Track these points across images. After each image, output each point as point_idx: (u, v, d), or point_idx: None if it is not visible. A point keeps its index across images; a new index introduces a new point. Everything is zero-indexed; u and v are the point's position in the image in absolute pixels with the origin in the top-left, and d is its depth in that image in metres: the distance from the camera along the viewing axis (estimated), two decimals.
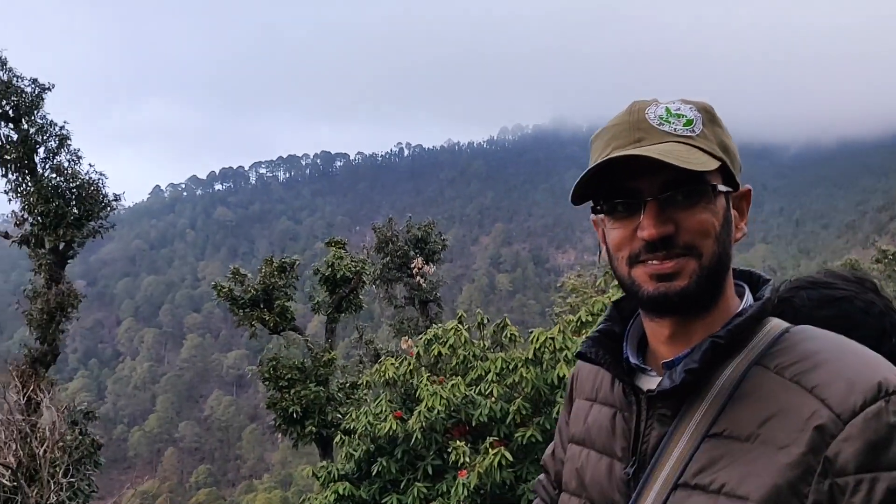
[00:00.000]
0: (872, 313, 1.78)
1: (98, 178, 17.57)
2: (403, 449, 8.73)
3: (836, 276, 1.88)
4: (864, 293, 1.82)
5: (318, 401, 15.41)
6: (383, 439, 8.87)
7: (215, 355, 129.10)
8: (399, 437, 8.73)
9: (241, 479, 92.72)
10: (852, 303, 1.79)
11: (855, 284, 1.84)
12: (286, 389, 15.67)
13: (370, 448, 8.98)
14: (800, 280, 1.91)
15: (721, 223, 1.21)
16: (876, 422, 1.04)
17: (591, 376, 1.48)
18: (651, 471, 1.22)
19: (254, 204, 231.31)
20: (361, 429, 8.89)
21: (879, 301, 1.81)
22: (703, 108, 1.24)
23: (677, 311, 1.22)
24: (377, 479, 8.76)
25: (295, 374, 15.88)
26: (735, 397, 1.17)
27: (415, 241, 22.84)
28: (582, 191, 1.23)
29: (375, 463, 8.72)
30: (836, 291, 1.81)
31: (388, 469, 8.65)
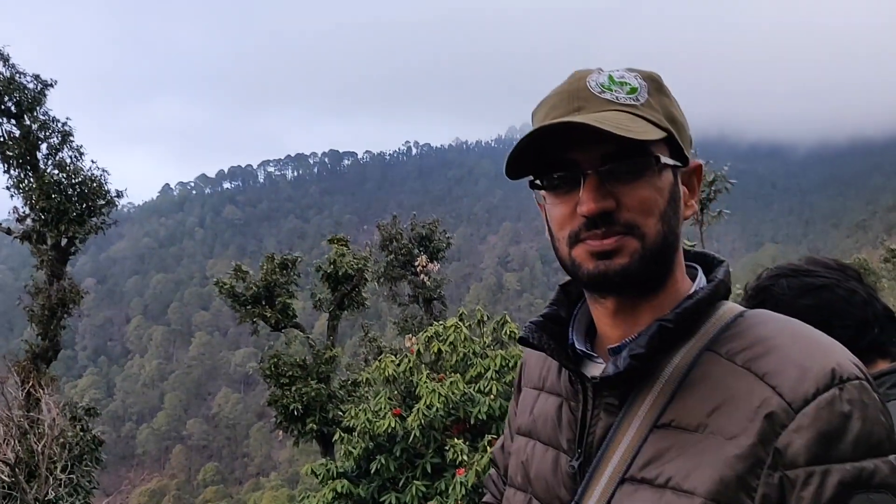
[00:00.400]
0: (854, 302, 1.72)
1: (100, 175, 17.57)
2: (402, 447, 8.70)
3: (818, 264, 1.81)
4: (846, 281, 1.75)
5: (319, 398, 15.35)
6: (382, 437, 8.84)
7: (223, 353, 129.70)
8: (398, 434, 8.70)
9: (248, 477, 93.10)
10: (833, 291, 1.73)
11: (837, 272, 1.77)
12: (287, 387, 15.62)
13: (369, 446, 8.95)
14: (781, 268, 1.85)
15: (667, 200, 1.12)
16: (828, 411, 0.98)
17: (538, 364, 1.39)
18: (597, 464, 1.14)
19: (262, 202, 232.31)
20: (360, 426, 8.86)
21: (862, 289, 1.75)
22: (649, 77, 1.16)
23: (619, 290, 1.14)
24: (376, 477, 8.74)
25: (296, 371, 15.84)
26: (684, 385, 1.10)
27: (419, 239, 22.87)
28: (517, 164, 1.13)
29: (374, 461, 8.70)
30: (816, 279, 1.76)
31: (387, 467, 8.63)
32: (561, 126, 1.07)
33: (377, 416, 8.77)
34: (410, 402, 9.12)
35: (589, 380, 1.18)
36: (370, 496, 8.60)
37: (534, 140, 1.10)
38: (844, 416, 0.98)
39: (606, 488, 1.12)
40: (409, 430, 8.41)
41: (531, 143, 1.10)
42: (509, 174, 1.15)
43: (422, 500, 8.14)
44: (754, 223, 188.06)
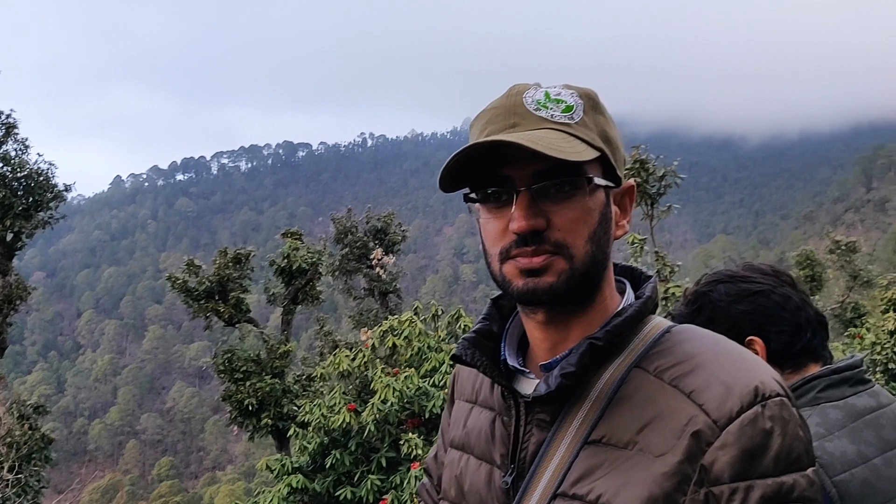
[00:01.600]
0: (788, 308, 1.77)
1: (47, 168, 17.18)
2: (357, 441, 8.70)
3: (755, 270, 1.86)
4: (780, 287, 1.80)
5: (273, 393, 15.26)
6: (337, 432, 8.83)
7: (177, 347, 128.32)
8: (353, 429, 8.70)
9: (204, 471, 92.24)
10: (769, 297, 1.78)
11: (772, 278, 1.82)
12: (241, 382, 15.49)
13: (324, 441, 8.94)
14: (718, 273, 1.90)
15: (597, 220, 1.13)
16: (752, 428, 1.01)
17: (471, 377, 1.40)
18: (530, 480, 1.16)
19: (216, 194, 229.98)
20: (315, 421, 8.84)
21: (796, 295, 1.80)
22: (585, 95, 1.16)
23: (547, 305, 1.15)
24: (331, 471, 8.73)
25: (250, 366, 15.72)
26: (614, 401, 1.12)
27: (374, 231, 22.77)
28: (452, 177, 1.14)
29: (329, 455, 8.69)
30: (753, 285, 1.80)
31: (342, 461, 8.62)
32: (493, 145, 1.07)
33: (332, 411, 8.76)
34: (365, 397, 9.12)
35: (522, 397, 1.19)
36: (325, 491, 8.60)
37: (468, 155, 1.10)
38: (766, 432, 1.01)
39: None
40: (363, 424, 8.42)
41: (466, 157, 1.10)
42: (443, 187, 1.15)
43: (377, 494, 8.16)
44: (706, 214, 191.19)
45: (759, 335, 1.75)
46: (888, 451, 1.65)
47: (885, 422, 1.70)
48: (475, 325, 1.31)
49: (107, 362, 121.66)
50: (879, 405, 1.73)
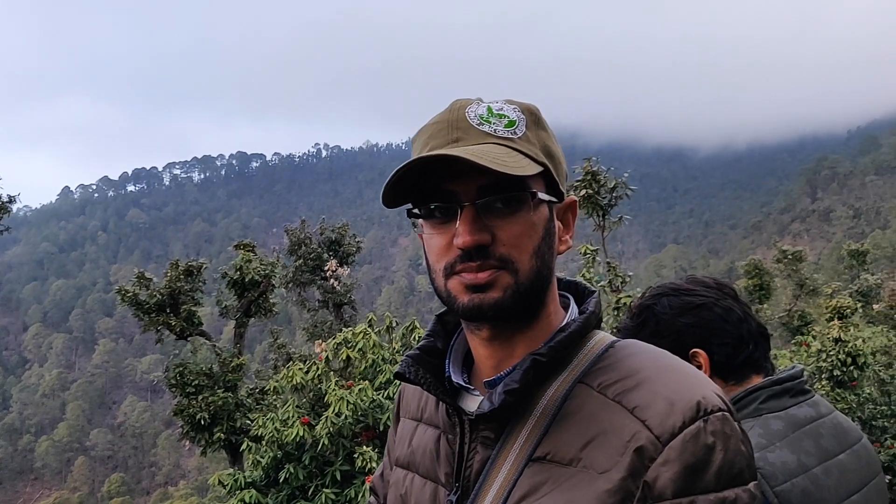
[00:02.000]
0: (731, 320, 1.80)
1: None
2: (311, 455, 8.63)
3: (698, 283, 1.89)
4: (723, 300, 1.83)
5: (226, 407, 15.05)
6: (291, 445, 8.75)
7: (129, 360, 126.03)
8: (307, 443, 8.63)
9: (156, 487, 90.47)
10: (711, 310, 1.80)
11: (715, 291, 1.85)
12: (194, 396, 15.25)
13: (277, 455, 8.84)
14: (663, 287, 1.92)
15: (541, 235, 1.13)
16: (694, 444, 1.01)
17: (416, 394, 1.39)
18: (475, 498, 1.15)
19: (168, 205, 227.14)
20: (268, 435, 8.75)
21: (738, 307, 1.83)
22: (527, 110, 1.17)
23: (492, 322, 1.15)
24: (285, 486, 8.65)
25: (202, 380, 15.47)
26: (558, 418, 1.11)
27: (328, 243, 22.60)
28: (395, 192, 1.14)
29: (283, 470, 8.60)
30: (696, 298, 1.83)
31: (296, 476, 8.54)
32: (436, 159, 1.07)
33: (285, 425, 8.68)
34: (319, 410, 9.05)
35: (466, 414, 1.18)
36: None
37: (411, 170, 1.09)
38: (708, 448, 1.02)
39: None
40: (317, 438, 8.36)
41: (409, 172, 1.10)
42: (386, 202, 1.14)
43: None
44: (657, 225, 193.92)
45: (703, 347, 1.78)
46: (827, 460, 1.69)
47: (825, 431, 1.74)
48: (420, 341, 1.30)
49: (55, 377, 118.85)
50: (819, 415, 1.78)
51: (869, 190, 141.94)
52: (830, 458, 1.70)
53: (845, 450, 1.75)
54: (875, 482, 1.78)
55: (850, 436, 1.79)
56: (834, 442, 1.74)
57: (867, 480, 1.75)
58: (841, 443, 1.75)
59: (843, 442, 1.76)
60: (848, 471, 1.71)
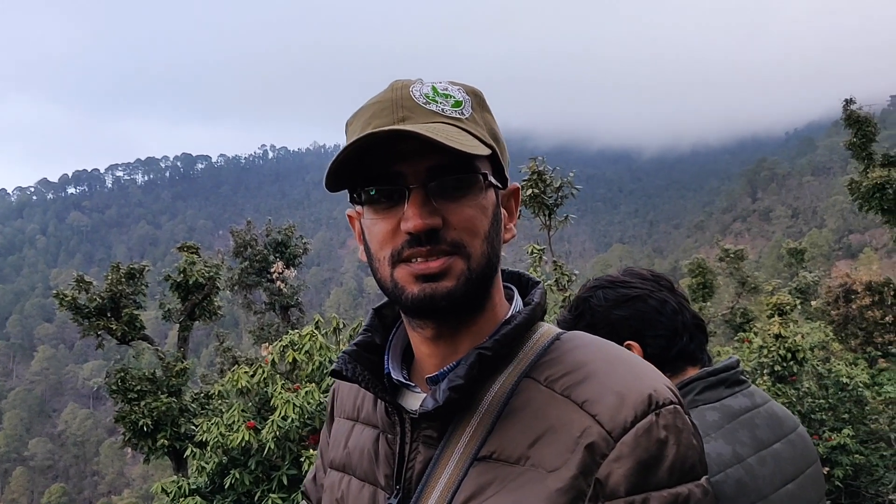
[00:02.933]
0: (665, 312, 1.79)
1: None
2: (257, 460, 8.51)
3: (634, 275, 1.88)
4: (658, 291, 1.82)
5: (170, 413, 14.75)
6: (236, 451, 8.62)
7: (70, 367, 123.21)
8: (253, 447, 8.50)
9: (98, 497, 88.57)
10: (646, 302, 1.80)
11: (651, 283, 1.84)
12: (136, 402, 14.92)
13: (223, 460, 8.71)
14: (599, 279, 1.92)
15: (490, 220, 1.08)
16: (646, 438, 0.98)
17: (352, 392, 1.32)
18: (417, 501, 1.09)
19: (110, 208, 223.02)
20: (213, 441, 8.60)
21: (673, 299, 1.82)
22: (471, 92, 1.12)
23: (442, 315, 1.08)
24: (230, 492, 8.52)
25: (145, 385, 15.14)
26: (504, 415, 1.06)
27: (275, 244, 22.36)
28: (337, 175, 1.06)
29: (228, 475, 8.47)
30: (631, 290, 1.82)
31: (242, 481, 8.42)
32: (388, 135, 1.00)
33: (230, 430, 8.55)
34: (265, 414, 8.94)
35: (407, 413, 1.13)
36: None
37: (356, 150, 1.02)
38: (661, 442, 0.98)
39: None
40: (263, 442, 8.24)
41: (354, 152, 1.03)
42: (329, 186, 1.08)
43: None
44: (603, 224, 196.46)
45: (636, 339, 1.77)
46: (762, 450, 1.69)
47: (760, 421, 1.74)
48: (356, 337, 1.22)
49: None
50: (754, 405, 1.77)
51: (806, 190, 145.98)
52: (765, 448, 1.70)
53: (780, 439, 1.75)
54: (811, 471, 1.79)
55: (785, 425, 1.80)
56: (769, 431, 1.74)
57: (803, 469, 1.76)
58: (776, 432, 1.76)
59: (779, 431, 1.77)
60: (783, 460, 1.72)
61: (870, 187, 22.43)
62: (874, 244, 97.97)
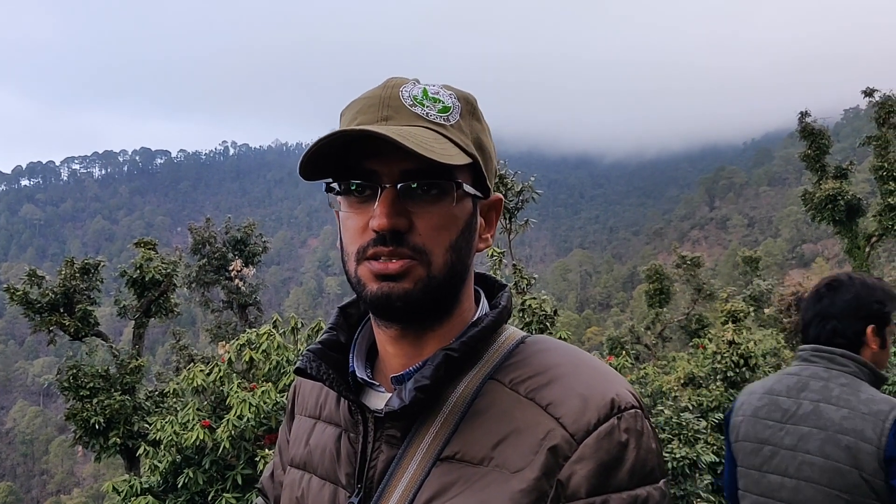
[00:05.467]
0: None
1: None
2: (212, 459, 8.43)
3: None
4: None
5: (123, 410, 14.51)
6: (190, 449, 8.54)
7: (19, 363, 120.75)
8: (207, 446, 8.43)
9: (47, 496, 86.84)
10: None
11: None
12: (88, 399, 14.66)
13: (176, 459, 8.62)
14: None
15: (461, 230, 1.09)
16: (608, 441, 1.00)
17: (315, 390, 1.31)
18: (378, 500, 1.10)
19: (65, 201, 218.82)
20: (167, 439, 8.51)
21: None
22: (464, 98, 1.12)
23: (401, 316, 1.09)
24: (184, 491, 8.43)
25: (98, 382, 14.87)
26: (468, 415, 1.07)
27: (234, 242, 22.13)
28: (314, 165, 1.07)
29: (182, 475, 8.39)
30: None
31: (196, 481, 8.34)
32: (362, 134, 1.01)
33: (185, 428, 8.47)
34: (221, 413, 8.87)
35: (371, 412, 1.13)
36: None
37: (334, 143, 1.03)
38: (622, 445, 1.00)
39: None
40: (218, 441, 8.17)
41: (331, 145, 1.03)
42: (304, 174, 1.08)
43: None
44: (564, 229, 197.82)
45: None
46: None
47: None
48: (321, 334, 1.24)
49: None
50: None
51: (762, 200, 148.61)
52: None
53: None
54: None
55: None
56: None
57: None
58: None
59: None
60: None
61: (822, 198, 22.98)
62: (826, 254, 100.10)
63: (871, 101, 23.67)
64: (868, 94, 23.65)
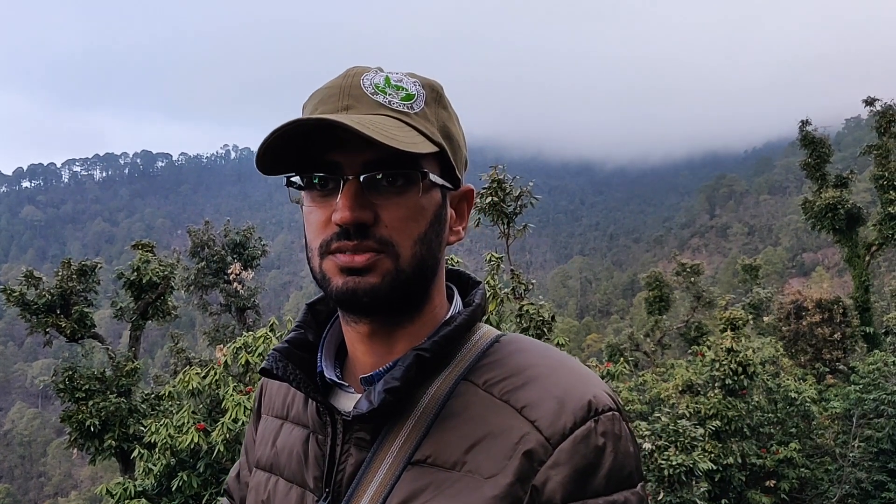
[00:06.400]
0: None
1: None
2: (206, 462, 8.44)
3: None
4: None
5: (119, 413, 14.48)
6: (185, 452, 8.52)
7: (18, 365, 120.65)
8: (202, 449, 8.41)
9: (45, 498, 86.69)
10: None
11: None
12: (83, 401, 14.63)
13: (171, 462, 8.60)
14: None
15: (429, 221, 1.05)
16: (584, 445, 0.97)
17: (282, 390, 1.27)
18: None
19: (66, 203, 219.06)
20: (162, 442, 8.49)
21: None
22: (428, 86, 1.08)
23: (369, 312, 1.06)
24: (178, 494, 8.42)
25: (94, 384, 14.85)
26: (441, 418, 1.03)
27: (233, 245, 22.08)
28: (273, 158, 1.03)
29: (176, 477, 8.38)
30: None
31: (190, 484, 8.33)
32: (320, 123, 0.98)
33: (180, 431, 8.44)
34: (216, 416, 8.85)
35: (339, 414, 1.10)
36: None
37: (291, 133, 0.99)
38: (599, 449, 0.98)
39: None
40: (213, 444, 8.15)
41: (290, 136, 1.00)
42: (261, 167, 1.04)
43: None
44: (564, 236, 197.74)
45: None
46: None
47: None
48: (288, 333, 1.19)
49: None
50: None
51: (763, 208, 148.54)
52: None
53: None
54: None
55: None
56: None
57: None
58: None
59: None
60: None
61: (822, 207, 22.96)
62: (826, 263, 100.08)
63: (872, 111, 23.68)
64: (869, 103, 23.67)
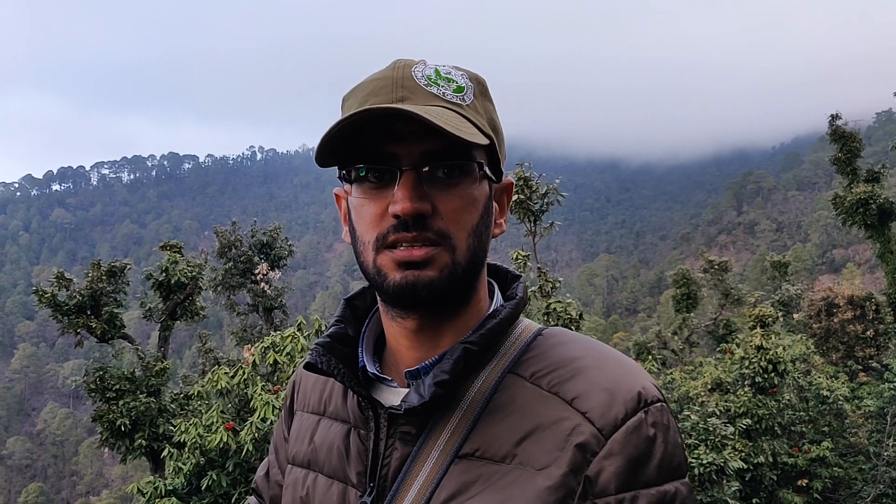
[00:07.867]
0: None
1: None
2: (235, 461, 8.47)
3: None
4: None
5: (148, 413, 14.63)
6: (214, 452, 8.57)
7: (51, 365, 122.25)
8: (231, 449, 8.46)
9: (77, 497, 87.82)
10: None
11: None
12: (114, 401, 14.80)
13: (200, 461, 8.66)
14: None
15: (480, 213, 1.05)
16: (636, 436, 0.97)
17: (318, 385, 1.27)
18: (392, 499, 1.05)
19: (95, 206, 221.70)
20: (191, 441, 8.55)
21: None
22: (475, 79, 1.09)
23: (424, 306, 1.05)
24: (207, 493, 8.47)
25: (124, 384, 15.01)
26: (488, 411, 1.03)
27: (260, 246, 22.21)
28: (328, 150, 1.02)
29: (206, 477, 8.43)
30: None
31: (219, 483, 8.38)
32: (385, 113, 0.97)
33: (209, 431, 8.50)
34: (244, 415, 8.90)
35: (384, 407, 1.09)
36: None
37: (351, 126, 0.99)
38: (650, 439, 0.98)
39: None
40: (242, 444, 8.20)
41: (348, 128, 0.99)
42: (319, 161, 1.04)
43: None
44: (590, 234, 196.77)
45: None
46: None
47: None
48: (329, 328, 1.18)
49: None
50: None
51: (791, 204, 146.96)
52: None
53: None
54: None
55: None
56: None
57: None
58: None
59: None
60: None
61: (853, 202, 22.61)
62: (857, 259, 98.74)
63: None
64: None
